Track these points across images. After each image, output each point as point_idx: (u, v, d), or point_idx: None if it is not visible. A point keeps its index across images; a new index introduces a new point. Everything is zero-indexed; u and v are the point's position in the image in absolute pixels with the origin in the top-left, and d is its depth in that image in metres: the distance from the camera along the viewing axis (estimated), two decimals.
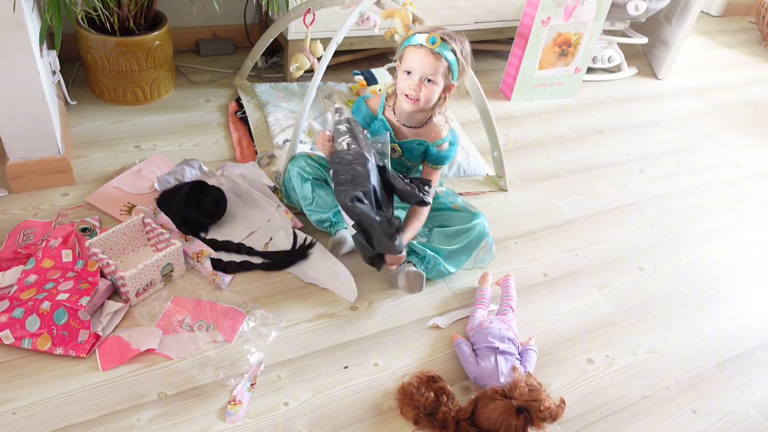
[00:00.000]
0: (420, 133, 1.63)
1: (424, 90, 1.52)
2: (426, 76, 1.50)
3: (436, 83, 1.51)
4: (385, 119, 1.65)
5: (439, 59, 1.48)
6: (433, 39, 1.47)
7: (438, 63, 1.49)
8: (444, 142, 1.63)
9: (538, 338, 1.58)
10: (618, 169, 2.34)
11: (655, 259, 1.93)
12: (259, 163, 1.97)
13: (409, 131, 1.64)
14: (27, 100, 1.61)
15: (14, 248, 1.55)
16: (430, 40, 1.47)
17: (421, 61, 1.49)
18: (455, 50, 1.50)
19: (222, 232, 1.71)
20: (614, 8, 2.66)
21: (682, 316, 1.74)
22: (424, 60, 1.49)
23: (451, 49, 1.49)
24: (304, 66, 2.07)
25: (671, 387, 1.53)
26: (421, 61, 1.49)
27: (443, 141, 1.63)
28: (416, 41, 1.50)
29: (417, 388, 1.34)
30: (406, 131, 1.64)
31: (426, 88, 1.51)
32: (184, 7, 2.33)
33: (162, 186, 1.77)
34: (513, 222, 1.97)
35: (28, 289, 1.39)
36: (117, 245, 1.56)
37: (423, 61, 1.49)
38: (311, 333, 1.50)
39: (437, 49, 1.47)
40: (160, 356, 1.38)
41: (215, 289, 1.56)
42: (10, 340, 1.32)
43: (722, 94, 3.07)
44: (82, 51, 2.08)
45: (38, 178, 1.75)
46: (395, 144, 1.64)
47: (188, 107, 2.25)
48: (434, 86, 1.52)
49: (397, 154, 1.66)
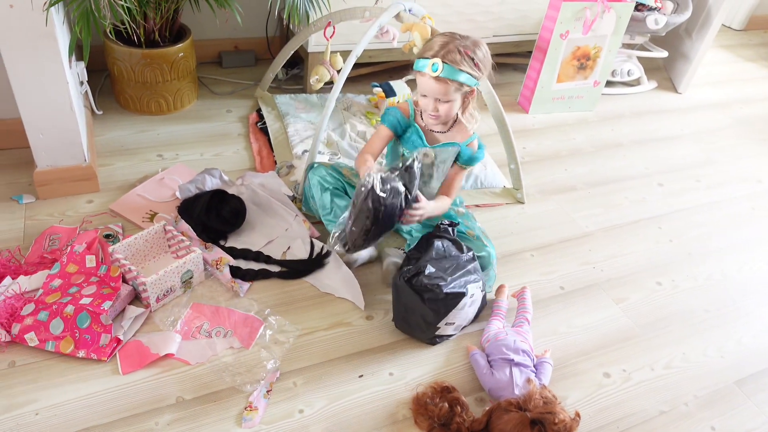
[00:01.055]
0: (449, 136, 1.66)
1: (441, 108, 1.55)
2: (438, 98, 1.53)
3: (450, 100, 1.54)
4: (417, 125, 1.67)
5: (446, 83, 1.50)
6: (435, 67, 1.47)
7: (446, 86, 1.51)
8: (473, 139, 1.66)
9: (553, 351, 1.57)
10: (636, 183, 2.33)
11: (674, 274, 1.91)
12: (278, 173, 2.00)
13: (439, 135, 1.67)
14: (55, 109, 1.66)
15: (40, 253, 1.59)
16: (432, 69, 1.48)
17: (430, 88, 1.52)
18: (465, 65, 1.49)
19: (241, 240, 1.74)
20: (634, 22, 2.66)
21: (701, 331, 1.72)
22: (431, 86, 1.51)
23: (458, 68, 1.49)
24: (324, 78, 2.11)
25: (689, 403, 1.52)
26: (429, 88, 1.52)
27: (472, 139, 1.65)
28: (421, 67, 1.51)
29: (431, 398, 1.35)
30: (437, 135, 1.67)
31: (442, 105, 1.55)
32: (208, 20, 2.38)
33: (183, 194, 1.81)
34: (529, 234, 1.97)
35: (52, 293, 1.43)
36: (139, 252, 1.59)
37: (431, 87, 1.52)
38: (327, 341, 1.52)
39: (442, 75, 1.48)
40: (179, 361, 1.40)
41: (233, 296, 1.58)
42: (35, 343, 1.36)
43: (743, 108, 3.04)
44: (109, 62, 2.14)
45: (64, 185, 1.79)
46: (429, 149, 1.65)
47: (210, 117, 2.29)
48: (450, 103, 1.54)
49: (430, 159, 1.65)
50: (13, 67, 1.55)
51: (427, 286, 1.43)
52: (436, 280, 1.44)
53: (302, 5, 1.92)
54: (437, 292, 1.43)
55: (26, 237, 1.66)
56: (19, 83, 1.58)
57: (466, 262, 1.53)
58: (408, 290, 1.45)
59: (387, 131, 1.69)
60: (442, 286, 1.43)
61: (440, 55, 1.49)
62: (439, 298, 1.44)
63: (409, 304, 1.47)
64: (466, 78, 1.51)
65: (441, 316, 1.47)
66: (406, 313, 1.50)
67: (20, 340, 1.36)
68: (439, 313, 1.46)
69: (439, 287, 1.43)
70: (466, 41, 1.52)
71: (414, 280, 1.45)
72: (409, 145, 1.69)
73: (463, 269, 1.50)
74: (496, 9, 2.58)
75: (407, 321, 1.52)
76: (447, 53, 1.49)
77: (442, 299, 1.44)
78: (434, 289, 1.43)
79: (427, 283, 1.43)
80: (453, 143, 1.64)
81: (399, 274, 1.48)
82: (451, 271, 1.48)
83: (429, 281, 1.43)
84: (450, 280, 1.45)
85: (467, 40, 1.53)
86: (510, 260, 1.85)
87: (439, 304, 1.45)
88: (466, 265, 1.52)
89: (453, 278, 1.46)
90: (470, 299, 1.49)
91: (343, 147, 2.15)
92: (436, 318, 1.47)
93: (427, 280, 1.44)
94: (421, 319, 1.48)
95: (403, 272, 1.48)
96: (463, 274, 1.49)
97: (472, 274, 1.51)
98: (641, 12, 2.70)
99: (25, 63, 1.55)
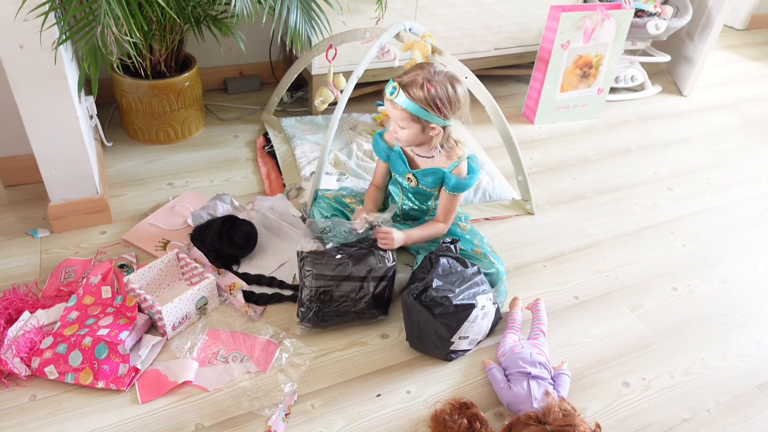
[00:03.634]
0: (432, 162, 1.67)
1: (400, 132, 1.58)
2: (396, 121, 1.56)
3: (406, 128, 1.55)
4: (402, 150, 1.69)
5: (401, 110, 1.51)
6: (392, 90, 1.50)
7: (398, 112, 1.53)
8: (456, 165, 1.63)
9: (570, 362, 1.56)
10: (646, 189, 2.33)
11: (689, 279, 1.90)
12: (287, 195, 2.02)
13: (422, 160, 1.68)
14: (67, 144, 1.69)
15: (57, 286, 1.61)
16: (389, 91, 1.51)
17: (388, 109, 1.56)
18: (421, 101, 1.48)
19: (253, 264, 1.75)
20: (634, 28, 2.67)
21: (719, 336, 1.71)
22: (389, 108, 1.55)
23: (413, 100, 1.48)
24: (328, 99, 2.13)
25: (711, 410, 1.50)
26: (389, 109, 1.55)
27: (455, 164, 1.63)
28: (385, 87, 1.54)
29: (450, 415, 1.34)
30: (420, 161, 1.69)
31: (400, 131, 1.57)
32: (212, 48, 2.42)
33: (196, 221, 1.83)
34: (541, 245, 1.97)
35: (70, 326, 1.44)
36: (153, 280, 1.61)
37: (389, 108, 1.55)
38: (343, 362, 1.52)
39: (394, 99, 1.50)
40: (197, 388, 1.41)
41: (248, 320, 1.59)
42: (55, 375, 1.37)
43: (750, 108, 3.03)
44: (117, 95, 2.18)
45: (78, 217, 1.82)
46: (410, 173, 1.68)
47: (218, 144, 2.32)
48: (406, 130, 1.56)
49: (414, 183, 1.70)
50: (24, 105, 1.58)
51: (436, 299, 1.44)
52: (444, 293, 1.45)
53: (304, 30, 1.95)
54: (447, 305, 1.43)
55: (42, 271, 1.68)
56: (30, 120, 1.61)
57: (471, 275, 1.53)
58: (418, 306, 1.46)
59: (381, 162, 1.76)
60: (451, 298, 1.44)
61: (403, 81, 1.50)
62: (450, 312, 1.44)
63: (421, 321, 1.48)
64: (421, 112, 1.50)
65: (453, 329, 1.47)
66: (419, 331, 1.50)
67: (40, 373, 1.38)
68: (451, 326, 1.46)
69: (448, 299, 1.43)
70: (438, 76, 1.50)
71: (422, 296, 1.46)
72: (395, 169, 1.73)
73: (470, 281, 1.51)
74: (497, 23, 2.60)
75: (421, 339, 1.52)
76: (410, 82, 1.49)
77: (453, 312, 1.44)
78: (444, 302, 1.43)
79: (435, 296, 1.44)
80: (436, 169, 1.65)
81: (407, 292, 1.49)
82: (458, 283, 1.49)
83: (437, 294, 1.44)
84: (458, 291, 1.46)
85: (441, 75, 1.50)
86: (522, 272, 1.84)
87: (450, 317, 1.45)
88: (472, 277, 1.53)
89: (461, 290, 1.47)
90: (482, 311, 1.49)
91: (350, 167, 2.16)
92: (449, 332, 1.47)
93: (435, 293, 1.44)
94: (435, 335, 1.48)
95: (411, 289, 1.48)
96: (471, 286, 1.50)
97: (479, 286, 1.52)
98: (641, 18, 2.71)
99: (36, 101, 1.58)
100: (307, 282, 1.52)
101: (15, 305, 1.50)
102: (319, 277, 1.51)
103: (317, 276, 1.51)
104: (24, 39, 1.48)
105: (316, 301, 1.51)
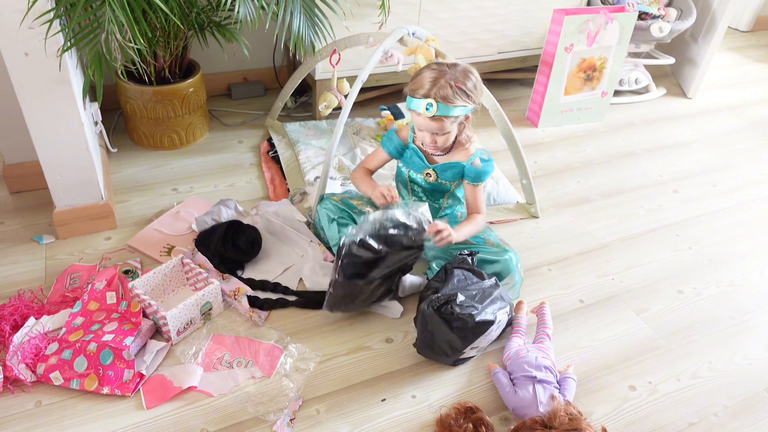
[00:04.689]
0: (450, 156, 1.68)
1: (439, 139, 1.58)
2: (434, 132, 1.56)
3: (447, 132, 1.56)
4: (416, 147, 1.69)
5: (441, 120, 1.52)
6: (429, 108, 1.49)
7: (441, 123, 1.53)
8: (475, 157, 1.66)
9: (576, 366, 1.55)
10: (651, 191, 2.32)
11: (695, 282, 1.89)
12: (291, 200, 2.02)
13: (439, 156, 1.69)
14: (72, 150, 1.70)
15: (62, 292, 1.61)
16: (426, 110, 1.49)
17: (426, 125, 1.55)
18: (458, 99, 1.50)
19: (258, 269, 1.76)
20: (638, 31, 2.66)
21: (726, 339, 1.69)
22: (427, 124, 1.54)
23: (451, 104, 1.50)
24: (332, 104, 2.13)
25: (719, 413, 1.49)
26: (425, 125, 1.55)
27: (474, 157, 1.66)
28: (415, 107, 1.52)
29: (455, 419, 1.34)
30: (437, 156, 1.69)
31: (440, 138, 1.58)
32: (216, 54, 2.43)
33: (200, 226, 1.83)
34: (546, 248, 1.96)
35: (75, 331, 1.45)
36: (158, 286, 1.61)
37: (426, 125, 1.54)
38: (348, 366, 1.51)
39: (437, 113, 1.50)
40: (202, 393, 1.41)
41: (253, 325, 1.59)
42: (60, 381, 1.38)
43: (755, 109, 3.02)
44: (122, 101, 2.19)
45: (83, 223, 1.82)
46: (429, 169, 1.68)
47: (222, 149, 2.33)
48: (446, 134, 1.57)
49: (433, 178, 1.70)
50: (30, 112, 1.59)
51: (459, 315, 1.42)
52: (468, 309, 1.43)
53: (307, 35, 1.96)
54: (468, 321, 1.42)
55: (48, 277, 1.68)
56: (36, 127, 1.62)
57: (491, 288, 1.52)
58: (437, 319, 1.43)
59: (384, 155, 1.75)
60: (475, 315, 1.43)
61: (432, 94, 1.49)
62: (468, 326, 1.43)
63: (436, 332, 1.46)
64: (461, 111, 1.52)
65: (468, 342, 1.46)
66: (431, 340, 1.48)
67: (45, 379, 1.38)
68: (467, 339, 1.46)
69: (471, 316, 1.42)
70: (456, 72, 1.52)
71: (443, 309, 1.44)
72: (411, 165, 1.72)
73: (490, 296, 1.50)
74: (500, 27, 2.60)
75: (432, 348, 1.50)
76: (438, 90, 1.49)
77: (471, 327, 1.43)
78: (466, 318, 1.42)
79: (459, 312, 1.42)
80: (455, 163, 1.66)
81: (427, 303, 1.46)
82: (479, 298, 1.48)
83: (461, 310, 1.42)
84: (481, 308, 1.45)
85: (456, 70, 1.52)
86: (527, 275, 1.83)
87: (468, 331, 1.44)
88: (491, 291, 1.51)
89: (483, 306, 1.46)
90: (497, 325, 1.50)
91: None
92: (463, 344, 1.46)
93: (459, 309, 1.42)
94: (447, 345, 1.47)
95: (432, 301, 1.45)
96: (492, 301, 1.49)
97: (498, 301, 1.51)
98: (645, 20, 2.70)
99: (41, 108, 1.59)
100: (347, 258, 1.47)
101: (20, 311, 1.50)
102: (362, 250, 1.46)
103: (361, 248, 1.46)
104: (29, 46, 1.49)
105: (352, 278, 1.48)
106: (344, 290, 1.52)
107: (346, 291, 1.52)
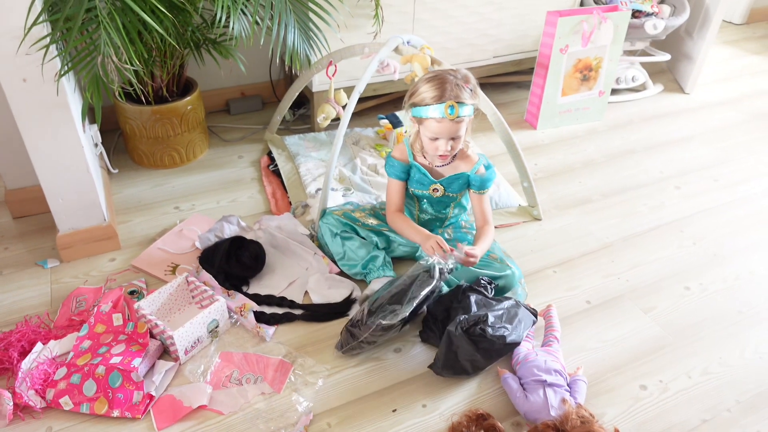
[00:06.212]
0: (453, 166, 1.68)
1: (453, 144, 1.58)
2: (453, 135, 1.56)
3: (461, 135, 1.58)
4: (419, 165, 1.69)
5: (462, 121, 1.54)
6: (452, 110, 1.50)
7: (461, 124, 1.55)
8: (479, 165, 1.67)
9: (586, 367, 1.55)
10: (653, 189, 2.31)
11: (701, 277, 1.88)
12: (293, 213, 2.02)
13: (443, 169, 1.69)
14: (73, 173, 1.70)
15: (68, 316, 1.61)
16: (449, 112, 1.50)
17: (447, 130, 1.54)
18: (469, 98, 1.53)
19: (262, 284, 1.75)
20: (632, 29, 2.67)
21: (735, 334, 1.69)
22: (449, 128, 1.54)
23: (467, 103, 1.53)
24: (330, 115, 2.14)
25: (732, 409, 1.48)
26: (447, 130, 1.55)
27: (478, 165, 1.67)
28: (435, 114, 1.52)
29: (467, 427, 1.33)
30: (441, 169, 1.69)
31: (455, 142, 1.58)
32: (213, 71, 2.44)
33: (204, 244, 1.83)
34: (550, 251, 1.96)
35: (83, 355, 1.45)
36: (164, 305, 1.61)
37: (448, 129, 1.54)
38: (357, 378, 1.51)
39: (460, 114, 1.51)
40: (212, 412, 1.40)
41: (260, 341, 1.59)
42: (70, 406, 1.37)
43: (754, 102, 3.02)
44: (121, 122, 2.20)
45: (86, 246, 1.83)
46: (436, 184, 1.69)
47: (222, 165, 2.33)
48: (460, 138, 1.58)
49: (440, 193, 1.71)
50: (29, 137, 1.60)
51: (491, 337, 1.42)
52: (500, 331, 1.44)
53: (302, 49, 1.96)
54: (497, 342, 1.43)
55: (53, 301, 1.69)
56: (36, 152, 1.63)
57: (514, 308, 1.53)
58: (465, 340, 1.43)
59: (397, 183, 1.73)
60: (506, 336, 1.44)
61: (450, 96, 1.51)
62: (496, 347, 1.44)
63: (460, 352, 1.45)
64: (472, 110, 1.55)
65: (493, 361, 1.48)
66: (454, 360, 1.46)
67: (55, 404, 1.38)
68: (491, 358, 1.47)
69: (503, 337, 1.43)
70: (458, 74, 1.55)
71: (471, 330, 1.43)
72: (416, 185, 1.72)
73: (516, 316, 1.51)
74: (494, 31, 2.61)
75: (453, 367, 1.48)
76: (453, 91, 1.51)
77: (498, 348, 1.45)
78: (496, 340, 1.43)
79: (491, 333, 1.42)
80: (460, 174, 1.67)
81: (454, 324, 1.45)
82: (506, 319, 1.49)
83: (493, 332, 1.43)
84: (511, 329, 1.46)
85: (457, 73, 1.56)
86: (533, 279, 1.83)
87: (493, 352, 1.45)
88: (515, 311, 1.53)
89: (512, 326, 1.47)
90: (523, 344, 1.52)
91: (355, 181, 2.17)
92: (486, 363, 1.48)
93: (491, 330, 1.43)
94: (470, 365, 1.46)
95: (460, 322, 1.45)
96: (519, 322, 1.50)
97: (524, 320, 1.52)
98: (638, 18, 2.71)
99: (40, 132, 1.60)
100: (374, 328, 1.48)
101: (28, 337, 1.50)
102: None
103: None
104: (27, 72, 1.50)
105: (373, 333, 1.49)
106: (367, 342, 1.53)
107: (368, 341, 1.52)
